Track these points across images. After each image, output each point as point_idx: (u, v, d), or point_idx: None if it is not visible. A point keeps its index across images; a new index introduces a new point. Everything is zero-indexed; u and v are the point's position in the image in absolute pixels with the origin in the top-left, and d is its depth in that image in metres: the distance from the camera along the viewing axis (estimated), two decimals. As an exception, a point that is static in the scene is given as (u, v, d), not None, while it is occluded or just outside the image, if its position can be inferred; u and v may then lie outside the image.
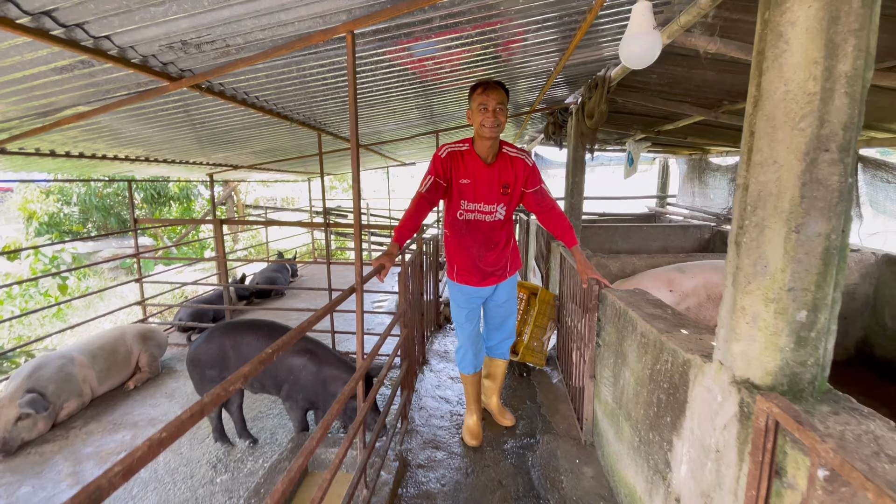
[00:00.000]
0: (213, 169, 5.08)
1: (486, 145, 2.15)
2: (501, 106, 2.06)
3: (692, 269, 3.15)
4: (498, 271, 2.44)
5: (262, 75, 2.02)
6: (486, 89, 2.04)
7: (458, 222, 2.30)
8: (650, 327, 1.84)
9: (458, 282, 2.46)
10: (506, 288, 2.53)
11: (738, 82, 3.19)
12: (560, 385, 3.45)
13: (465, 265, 2.39)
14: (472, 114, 2.12)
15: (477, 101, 2.06)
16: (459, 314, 2.55)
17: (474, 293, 2.48)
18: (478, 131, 2.11)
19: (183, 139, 3.69)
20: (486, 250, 2.34)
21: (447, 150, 2.19)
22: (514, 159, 2.25)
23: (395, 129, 4.37)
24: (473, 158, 2.18)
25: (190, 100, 2.45)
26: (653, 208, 8.11)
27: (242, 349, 2.43)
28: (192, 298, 4.94)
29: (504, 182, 2.23)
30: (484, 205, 2.24)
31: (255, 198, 18.50)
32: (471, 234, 2.31)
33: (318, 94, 2.52)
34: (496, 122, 2.06)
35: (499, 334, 2.69)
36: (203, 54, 1.69)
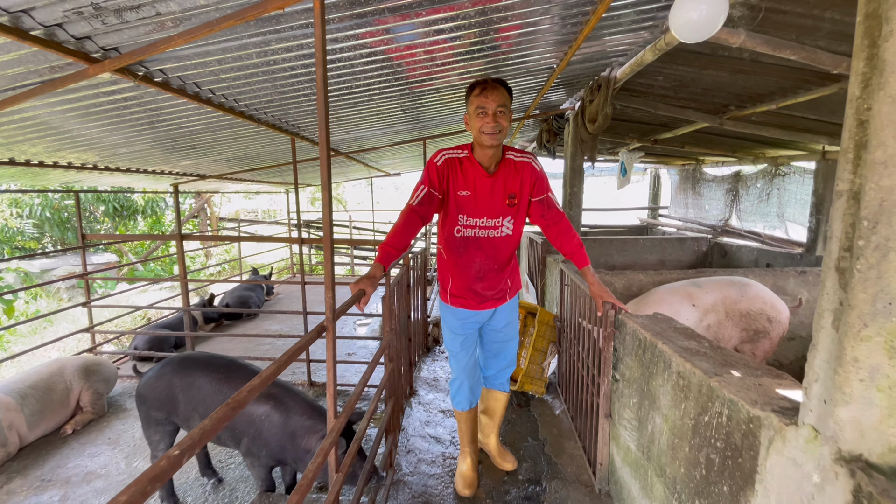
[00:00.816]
0: (178, 179, 4.64)
1: (488, 154, 1.87)
2: (503, 109, 1.77)
3: (708, 284, 2.86)
4: (498, 294, 2.13)
5: (214, 60, 1.65)
6: (485, 90, 1.75)
7: (454, 240, 1.99)
8: (691, 367, 1.51)
9: (452, 305, 2.15)
10: (506, 311, 2.22)
11: (751, 84, 2.95)
12: (564, 417, 3.10)
13: (462, 287, 2.08)
14: (469, 118, 1.84)
15: (474, 103, 1.78)
16: (454, 342, 2.22)
17: (471, 318, 2.16)
18: (477, 138, 1.84)
19: (142, 143, 3.27)
20: (488, 271, 2.04)
21: (444, 157, 1.89)
22: (519, 164, 1.95)
23: (378, 135, 4.02)
24: (474, 167, 1.89)
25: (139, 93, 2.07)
26: (645, 220, 7.92)
27: (193, 392, 2.01)
28: (151, 322, 4.45)
29: (510, 191, 1.93)
30: (487, 219, 1.95)
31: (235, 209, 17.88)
32: (470, 252, 2.00)
33: (289, 88, 2.16)
34: (497, 128, 1.77)
35: (497, 362, 2.35)
36: (130, 28, 1.33)
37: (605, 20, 1.86)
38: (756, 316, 2.87)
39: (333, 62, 1.86)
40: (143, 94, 2.04)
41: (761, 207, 5.17)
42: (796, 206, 4.66)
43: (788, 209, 4.76)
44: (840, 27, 2.09)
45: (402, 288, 3.09)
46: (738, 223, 5.68)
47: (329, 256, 1.27)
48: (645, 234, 7.60)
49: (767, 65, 2.63)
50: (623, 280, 3.34)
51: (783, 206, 4.83)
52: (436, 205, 1.90)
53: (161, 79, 1.78)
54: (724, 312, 2.83)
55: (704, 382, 1.43)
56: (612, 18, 1.89)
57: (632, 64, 2.58)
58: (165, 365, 2.21)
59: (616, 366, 2.16)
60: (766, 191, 5.06)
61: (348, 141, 4.21)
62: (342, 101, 2.52)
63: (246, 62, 1.70)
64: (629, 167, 5.91)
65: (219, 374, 2.04)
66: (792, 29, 2.17)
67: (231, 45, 1.55)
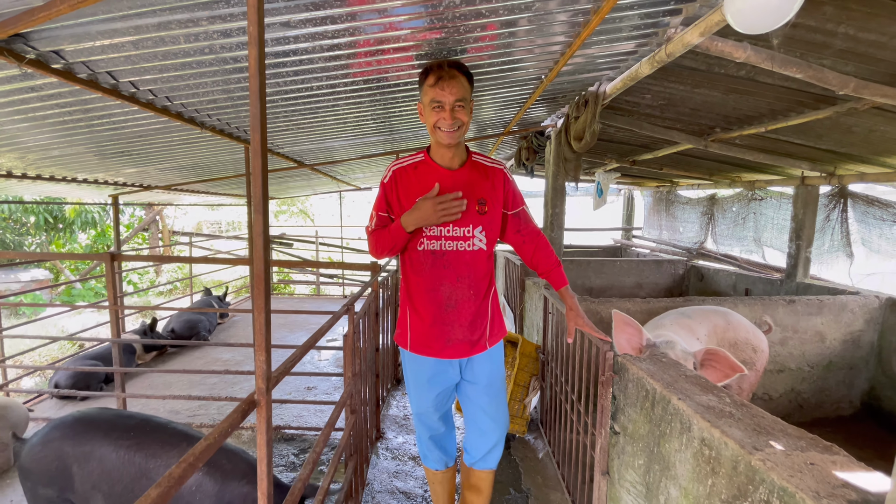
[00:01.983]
0: (120, 189, 4.14)
1: (448, 154, 1.62)
2: (462, 102, 1.51)
3: (695, 314, 2.67)
4: (473, 335, 1.71)
5: (128, 42, 1.30)
6: (441, 79, 1.49)
7: (417, 256, 1.65)
8: (721, 435, 1.23)
9: (414, 351, 1.73)
10: (486, 362, 1.77)
11: (743, 105, 2.81)
12: (549, 462, 2.79)
13: (428, 323, 1.67)
14: (423, 110, 1.58)
15: (429, 95, 1.52)
16: (420, 401, 1.80)
17: (440, 370, 1.73)
18: (433, 134, 1.59)
19: (77, 146, 2.81)
20: (461, 298, 1.66)
21: (393, 170, 1.65)
22: (488, 169, 1.69)
23: (347, 146, 3.69)
24: (431, 169, 1.63)
25: (56, 84, 1.68)
26: (619, 240, 7.87)
27: (92, 465, 1.57)
28: (80, 353, 3.87)
29: (479, 195, 1.64)
30: (454, 227, 1.62)
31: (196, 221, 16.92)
32: (437, 272, 1.64)
33: (236, 86, 1.82)
34: (456, 125, 1.52)
35: (482, 441, 1.85)
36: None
37: (607, 22, 1.62)
38: (742, 346, 2.69)
39: (287, 53, 1.54)
40: (48, 83, 1.65)
41: (737, 231, 5.12)
42: (773, 231, 4.61)
43: (765, 234, 4.71)
44: (851, 44, 1.95)
45: (371, 317, 2.74)
46: (714, 246, 5.64)
47: (262, 303, 0.93)
48: (619, 255, 7.53)
49: (763, 84, 2.48)
50: (609, 309, 3.10)
51: (759, 230, 4.79)
52: None
53: (61, 65, 1.40)
54: (717, 344, 2.63)
55: (742, 459, 1.15)
56: (614, 21, 1.66)
57: (624, 78, 2.38)
58: (54, 429, 1.74)
59: (615, 416, 1.88)
60: (741, 215, 5.02)
61: (313, 152, 3.85)
62: (303, 105, 2.19)
63: (172, 47, 1.36)
64: (605, 188, 5.81)
65: (127, 439, 1.61)
66: (799, 45, 2.01)
67: (147, 24, 1.21)
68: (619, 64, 2.30)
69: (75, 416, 1.77)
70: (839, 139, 3.14)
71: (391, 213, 1.67)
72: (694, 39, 1.76)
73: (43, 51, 1.31)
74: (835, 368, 3.33)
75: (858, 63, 2.10)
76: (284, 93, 1.97)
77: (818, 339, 3.30)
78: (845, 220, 3.87)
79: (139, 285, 9.16)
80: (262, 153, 0.90)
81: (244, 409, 0.91)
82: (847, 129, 2.90)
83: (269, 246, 0.95)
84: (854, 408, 3.42)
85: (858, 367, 3.36)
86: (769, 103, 2.72)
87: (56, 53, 1.34)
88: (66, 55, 1.37)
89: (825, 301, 3.28)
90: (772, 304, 3.22)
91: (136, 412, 1.84)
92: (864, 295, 3.35)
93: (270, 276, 1.30)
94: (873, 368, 3.37)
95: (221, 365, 4.57)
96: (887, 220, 3.52)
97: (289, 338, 5.50)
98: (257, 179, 0.91)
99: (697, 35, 1.73)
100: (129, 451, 1.59)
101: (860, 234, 3.72)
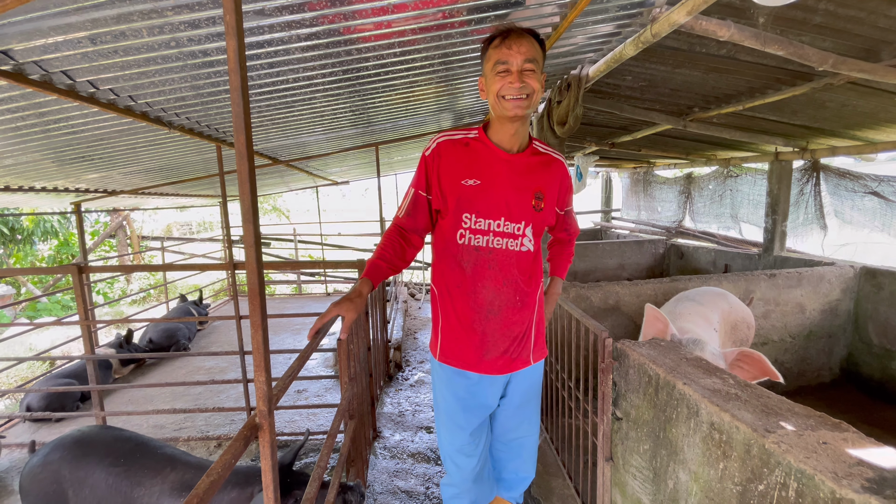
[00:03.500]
0: (82, 196, 3.90)
1: (511, 130, 1.36)
2: (533, 66, 1.28)
3: (705, 300, 2.67)
4: (517, 349, 1.48)
5: (84, 38, 1.18)
6: (507, 38, 1.26)
7: (457, 250, 1.40)
8: (731, 419, 1.23)
9: (444, 361, 1.49)
10: (526, 381, 1.56)
11: (722, 83, 2.83)
12: (547, 448, 2.80)
13: (464, 328, 1.44)
14: (485, 81, 1.35)
15: (493, 58, 1.29)
16: (454, 434, 1.53)
17: (479, 388, 1.49)
18: (495, 108, 1.34)
19: (29, 155, 2.61)
20: (506, 304, 1.43)
21: (439, 142, 1.39)
22: (551, 159, 1.47)
23: (322, 140, 3.57)
24: (487, 148, 1.38)
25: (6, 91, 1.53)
26: (598, 223, 7.95)
27: (85, 492, 1.49)
28: (52, 371, 3.66)
29: (538, 188, 1.42)
30: (506, 222, 1.39)
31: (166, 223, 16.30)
32: (481, 271, 1.40)
33: (205, 82, 1.70)
34: (525, 90, 1.27)
35: (515, 465, 1.67)
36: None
37: (595, 2, 1.57)
38: (741, 325, 2.74)
39: (262, 45, 1.44)
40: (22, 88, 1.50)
41: (714, 208, 5.23)
42: (749, 207, 4.72)
43: (742, 210, 4.82)
44: (829, 20, 1.95)
45: (361, 319, 2.66)
46: (692, 224, 5.75)
47: (259, 319, 0.86)
48: (600, 237, 7.62)
49: (743, 62, 2.49)
50: (599, 293, 3.12)
51: (736, 206, 4.89)
52: (428, 213, 1.42)
53: (10, 66, 1.27)
54: (724, 329, 2.65)
55: (755, 442, 1.15)
56: (602, 1, 1.61)
57: (608, 60, 2.34)
58: (54, 449, 1.66)
59: (617, 402, 1.87)
60: (718, 192, 5.12)
61: (288, 147, 3.71)
62: (278, 99, 2.08)
63: (134, 42, 1.24)
64: (585, 171, 5.83)
65: (117, 465, 1.52)
66: (779, 21, 2.01)
67: (105, 16, 1.09)
68: (601, 46, 2.26)
69: (75, 436, 1.68)
70: (813, 114, 3.20)
71: (429, 194, 1.40)
72: (681, 18, 1.73)
73: (-15, 50, 1.17)
74: (814, 338, 3.44)
75: (836, 39, 2.12)
76: (258, 87, 1.86)
77: (798, 311, 3.40)
78: (818, 194, 3.98)
79: (110, 295, 8.76)
80: (248, 156, 0.82)
81: (246, 436, 0.84)
82: (821, 104, 2.96)
83: (262, 258, 0.88)
84: (834, 374, 3.55)
85: (837, 336, 3.49)
86: (748, 81, 2.74)
87: (4, 54, 1.21)
88: (14, 55, 1.23)
89: (804, 273, 3.37)
90: (754, 279, 3.29)
91: (135, 434, 1.75)
92: (840, 265, 3.46)
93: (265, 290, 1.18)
94: (850, 336, 3.50)
95: (205, 373, 4.42)
96: (859, 191, 3.63)
97: (274, 340, 5.36)
98: (245, 185, 0.83)
99: (685, 14, 1.70)
100: (118, 479, 1.51)
101: (833, 206, 3.83)
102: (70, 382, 3.59)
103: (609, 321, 3.15)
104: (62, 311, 8.10)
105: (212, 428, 3.32)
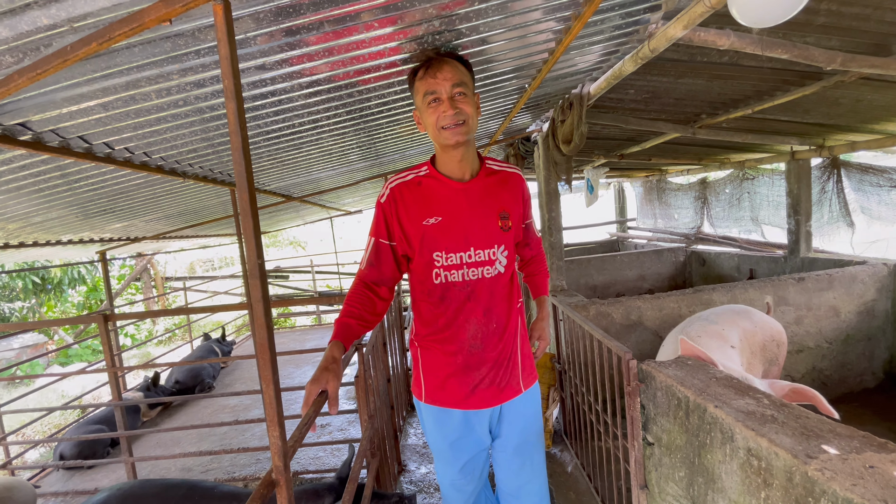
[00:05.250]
0: (107, 245, 4.05)
1: (456, 157, 1.34)
2: (463, 89, 1.27)
3: (720, 319, 2.55)
4: (503, 378, 1.45)
5: (97, 105, 1.24)
6: (430, 68, 1.26)
7: (434, 290, 1.38)
8: (769, 444, 1.17)
9: (431, 402, 1.46)
10: (520, 410, 1.51)
11: (727, 89, 2.79)
12: (579, 475, 2.70)
13: (450, 369, 1.41)
14: (420, 113, 1.34)
15: (421, 90, 1.29)
16: (445, 471, 1.52)
17: (467, 429, 1.46)
18: (436, 139, 1.32)
19: (59, 209, 2.73)
20: (489, 334, 1.41)
21: (391, 188, 1.37)
22: (507, 175, 1.45)
23: (334, 175, 3.64)
24: (439, 183, 1.36)
25: (28, 158, 1.61)
26: (614, 233, 7.84)
27: None
28: (82, 418, 3.73)
29: (501, 209, 1.40)
30: (476, 251, 1.37)
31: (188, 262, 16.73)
32: (461, 305, 1.38)
33: (215, 133, 1.76)
34: (459, 117, 1.26)
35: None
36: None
37: (588, 25, 1.58)
38: (769, 344, 2.61)
39: (265, 96, 1.49)
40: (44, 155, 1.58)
41: (733, 212, 5.11)
42: (770, 209, 4.60)
43: (762, 212, 4.70)
44: (834, 19, 1.92)
45: (378, 350, 2.65)
46: (712, 229, 5.62)
47: (269, 374, 0.86)
48: (617, 249, 7.50)
49: (747, 67, 2.46)
50: (621, 309, 3.04)
51: (756, 209, 4.77)
52: (392, 260, 1.39)
53: (29, 136, 1.34)
54: (750, 350, 2.52)
55: (796, 469, 1.08)
56: (596, 24, 1.62)
57: (608, 77, 2.34)
58: (108, 500, 1.65)
59: (647, 426, 1.80)
60: (736, 195, 5.00)
61: (300, 184, 3.80)
62: (285, 142, 2.14)
63: (144, 104, 1.30)
64: (595, 184, 5.79)
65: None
66: (781, 25, 1.98)
67: (114, 84, 1.15)
68: (601, 65, 2.26)
69: (118, 495, 1.65)
70: (826, 112, 3.12)
71: (392, 241, 1.38)
72: (677, 33, 1.73)
73: (8, 125, 1.24)
74: (853, 341, 3.28)
75: (842, 37, 2.08)
76: (266, 133, 1.92)
77: (833, 314, 3.25)
78: (841, 191, 3.86)
79: (136, 337, 8.98)
80: (252, 213, 0.83)
81: (263, 494, 0.83)
82: (834, 101, 2.89)
83: (271, 314, 0.88)
84: (878, 379, 3.36)
85: (876, 338, 3.32)
86: (754, 85, 2.71)
87: (23, 126, 1.28)
88: (32, 126, 1.30)
89: (835, 274, 3.24)
90: (781, 283, 3.18)
91: (179, 479, 1.75)
92: (872, 263, 3.32)
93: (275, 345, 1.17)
94: (891, 337, 3.33)
95: (229, 411, 4.44)
96: (884, 185, 3.50)
97: (295, 374, 5.38)
98: (250, 242, 0.84)
99: (681, 28, 1.70)
100: None
101: (859, 202, 3.70)
102: (100, 428, 3.65)
103: (632, 338, 3.07)
104: (93, 356, 8.31)
105: (237, 468, 3.31)
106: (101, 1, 0.80)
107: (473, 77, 1.37)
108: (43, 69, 0.86)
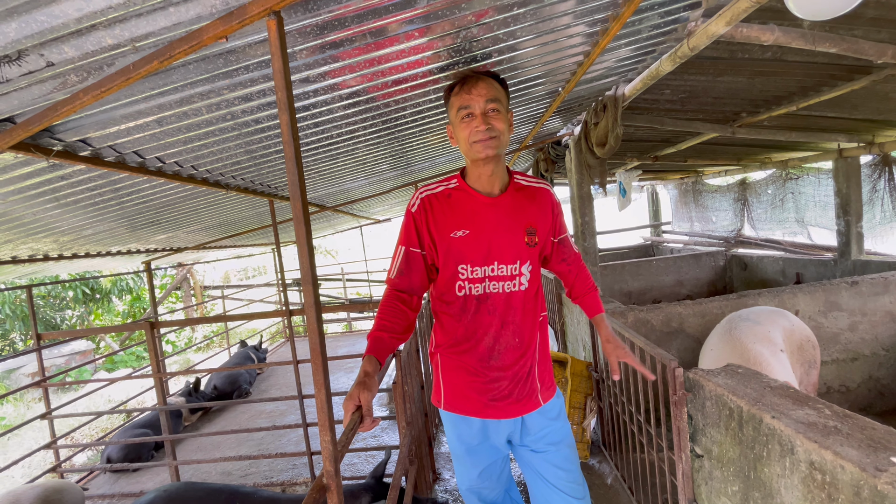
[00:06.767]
0: (151, 255, 4.24)
1: (486, 172, 1.36)
2: (496, 105, 1.29)
3: (763, 319, 2.44)
4: (523, 390, 1.45)
5: (152, 121, 1.31)
6: (465, 84, 1.29)
7: (456, 302, 1.40)
8: (833, 457, 1.10)
9: (450, 409, 1.47)
10: (543, 421, 1.49)
11: (770, 86, 2.69)
12: (620, 488, 2.62)
13: (469, 380, 1.42)
14: (453, 128, 1.38)
15: (455, 105, 1.32)
16: (464, 476, 1.56)
17: (484, 436, 1.47)
18: (467, 153, 1.35)
19: (108, 222, 2.89)
20: (507, 346, 1.42)
21: (422, 198, 1.39)
22: (534, 190, 1.45)
23: (365, 184, 3.70)
24: (469, 196, 1.38)
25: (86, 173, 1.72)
26: (649, 238, 7.64)
27: None
28: (127, 423, 3.90)
29: (528, 224, 1.41)
30: (499, 265, 1.38)
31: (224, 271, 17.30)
32: (481, 318, 1.40)
33: (258, 146, 1.83)
34: (491, 132, 1.28)
35: None
36: (21, 90, 0.98)
37: (627, 26, 1.56)
38: (806, 345, 2.47)
39: (307, 108, 1.53)
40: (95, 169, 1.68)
41: (776, 214, 4.90)
42: (816, 209, 4.38)
43: (808, 213, 4.48)
44: (883, 11, 1.83)
45: (412, 356, 2.66)
46: (753, 232, 5.40)
47: (321, 378, 0.87)
48: (652, 253, 7.30)
49: (791, 63, 2.37)
50: (661, 316, 2.95)
51: (801, 210, 4.56)
52: (423, 270, 1.40)
53: (88, 152, 1.42)
54: (789, 350, 2.41)
55: (865, 483, 1.02)
56: (634, 24, 1.59)
57: (644, 77, 2.30)
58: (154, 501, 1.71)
59: (694, 437, 1.73)
60: (779, 196, 4.80)
61: (333, 194, 3.88)
62: (323, 153, 2.19)
63: (195, 119, 1.36)
64: (628, 187, 5.66)
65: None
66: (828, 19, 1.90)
67: (169, 101, 1.21)
68: (636, 65, 2.23)
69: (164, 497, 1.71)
70: (876, 107, 2.97)
71: (423, 249, 1.39)
72: (720, 29, 1.68)
73: (69, 141, 1.33)
74: (914, 349, 3.07)
75: (893, 29, 1.98)
76: (306, 145, 1.97)
77: (889, 320, 3.05)
78: (894, 189, 3.64)
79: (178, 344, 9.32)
80: (305, 221, 0.85)
81: (315, 498, 0.83)
82: (884, 95, 2.74)
83: (322, 318, 0.90)
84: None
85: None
86: (799, 81, 2.60)
87: (83, 142, 1.36)
88: (92, 142, 1.38)
89: (890, 278, 3.05)
90: (833, 288, 3.01)
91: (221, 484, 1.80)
92: (934, 266, 3.11)
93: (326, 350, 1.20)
94: (961, 346, 3.09)
95: (266, 416, 4.54)
96: (944, 182, 3.28)
97: (328, 380, 5.45)
98: (303, 248, 0.86)
99: (723, 24, 1.65)
100: None
101: (914, 201, 3.48)
102: (145, 432, 3.80)
103: (674, 345, 2.97)
104: (136, 362, 8.68)
105: (275, 473, 3.37)
106: (162, 21, 0.85)
107: (508, 95, 1.40)
108: (107, 87, 0.91)
